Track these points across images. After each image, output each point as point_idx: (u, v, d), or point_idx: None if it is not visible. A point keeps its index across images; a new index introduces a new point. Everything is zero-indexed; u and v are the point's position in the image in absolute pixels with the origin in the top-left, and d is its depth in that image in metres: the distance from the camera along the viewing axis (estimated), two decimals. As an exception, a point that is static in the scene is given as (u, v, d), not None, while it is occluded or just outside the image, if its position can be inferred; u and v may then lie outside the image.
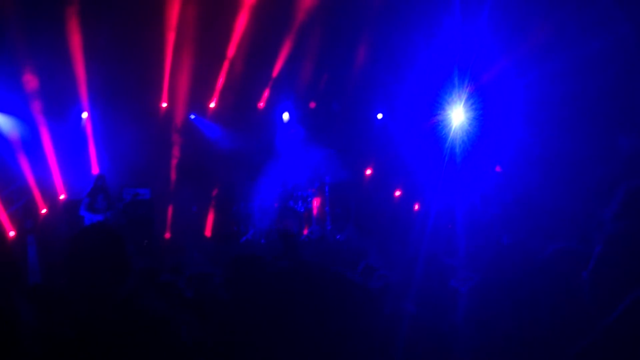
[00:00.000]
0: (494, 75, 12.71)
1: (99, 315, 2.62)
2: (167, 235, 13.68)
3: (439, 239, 8.61)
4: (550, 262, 3.33)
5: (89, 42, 12.42)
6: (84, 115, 13.40)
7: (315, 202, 13.69)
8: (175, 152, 13.79)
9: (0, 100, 12.41)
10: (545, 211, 10.34)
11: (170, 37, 13.07)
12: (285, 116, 14.64)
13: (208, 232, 14.05)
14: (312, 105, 14.69)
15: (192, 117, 14.28)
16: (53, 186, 12.93)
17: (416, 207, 13.85)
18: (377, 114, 15.09)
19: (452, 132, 14.10)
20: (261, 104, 14.60)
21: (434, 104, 14.31)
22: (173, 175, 13.69)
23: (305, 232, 13.23)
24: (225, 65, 13.68)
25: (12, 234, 12.13)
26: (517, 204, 10.92)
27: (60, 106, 13.09)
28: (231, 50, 13.48)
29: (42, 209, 12.84)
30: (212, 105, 14.32)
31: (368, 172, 14.93)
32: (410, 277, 4.32)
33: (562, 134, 11.93)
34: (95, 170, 12.96)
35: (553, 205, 10.45)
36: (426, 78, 14.27)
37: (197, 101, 14.12)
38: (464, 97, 13.70)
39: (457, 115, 14.02)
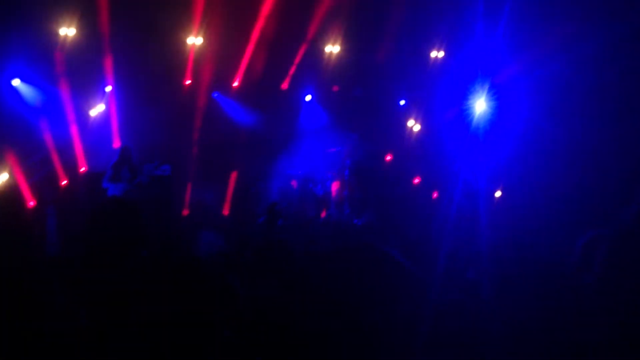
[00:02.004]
0: (518, 66, 12.64)
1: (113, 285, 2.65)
2: (185, 212, 13.74)
3: (458, 230, 8.59)
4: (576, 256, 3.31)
5: (116, 16, 12.43)
6: (108, 89, 13.44)
7: (334, 186, 13.69)
8: (197, 129, 13.80)
9: (25, 71, 12.49)
10: (569, 203, 10.31)
11: (197, 15, 13.06)
12: (308, 98, 14.64)
13: (226, 211, 14.09)
14: (336, 88, 14.67)
15: (215, 95, 14.30)
16: (75, 158, 13.01)
17: (435, 195, 13.83)
18: (399, 100, 15.06)
19: (474, 122, 14.06)
20: (285, 85, 14.57)
21: (457, 94, 14.27)
22: (194, 153, 13.71)
23: (323, 215, 13.23)
24: (251, 45, 13.65)
25: (32, 204, 12.23)
26: (541, 195, 10.90)
27: (85, 79, 13.14)
28: (257, 31, 13.45)
29: (63, 180, 12.93)
30: (235, 84, 14.31)
31: (388, 158, 14.91)
32: (431, 268, 4.34)
33: (586, 125, 11.87)
34: (117, 144, 13.02)
35: (576, 197, 10.42)
36: (450, 68, 14.22)
37: (221, 80, 14.12)
38: (486, 87, 13.65)
39: (480, 106, 13.98)
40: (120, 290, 2.70)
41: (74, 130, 13.00)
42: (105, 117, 13.47)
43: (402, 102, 15.03)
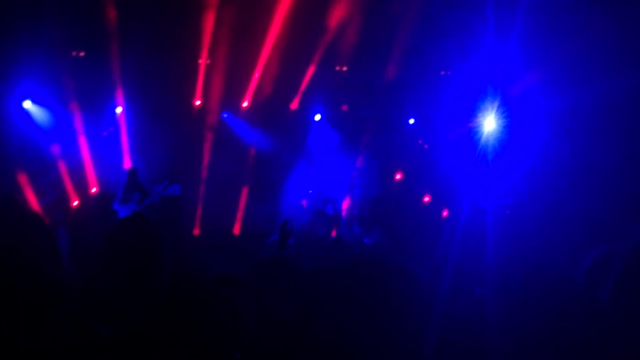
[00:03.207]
0: (527, 84, 12.61)
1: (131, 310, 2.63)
2: (196, 232, 13.77)
3: (467, 246, 8.56)
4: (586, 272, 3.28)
5: (126, 38, 12.53)
6: (118, 110, 13.53)
7: (344, 205, 13.69)
8: (207, 149, 13.86)
9: (37, 92, 12.59)
10: (575, 221, 10.23)
11: (206, 36, 13.15)
12: (318, 118, 14.67)
13: (237, 231, 14.11)
14: (344, 108, 14.70)
15: (225, 115, 14.35)
16: (85, 179, 13.07)
17: (445, 213, 13.79)
18: (408, 119, 15.06)
19: (483, 139, 14.04)
20: (294, 105, 14.63)
21: (466, 112, 14.25)
22: (204, 173, 13.77)
23: (334, 234, 13.22)
24: (260, 65, 13.72)
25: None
26: (546, 212, 10.84)
27: (95, 100, 13.24)
28: (265, 51, 13.52)
29: (74, 201, 12.98)
30: (244, 104, 14.38)
31: (398, 176, 14.89)
32: (438, 283, 4.31)
33: (593, 143, 11.82)
34: (127, 165, 13.08)
35: (583, 214, 10.35)
36: (458, 86, 14.22)
37: (230, 100, 14.19)
38: (496, 104, 13.63)
39: (489, 123, 13.95)
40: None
41: (84, 152, 13.08)
42: (116, 138, 13.55)
43: (412, 121, 15.03)
